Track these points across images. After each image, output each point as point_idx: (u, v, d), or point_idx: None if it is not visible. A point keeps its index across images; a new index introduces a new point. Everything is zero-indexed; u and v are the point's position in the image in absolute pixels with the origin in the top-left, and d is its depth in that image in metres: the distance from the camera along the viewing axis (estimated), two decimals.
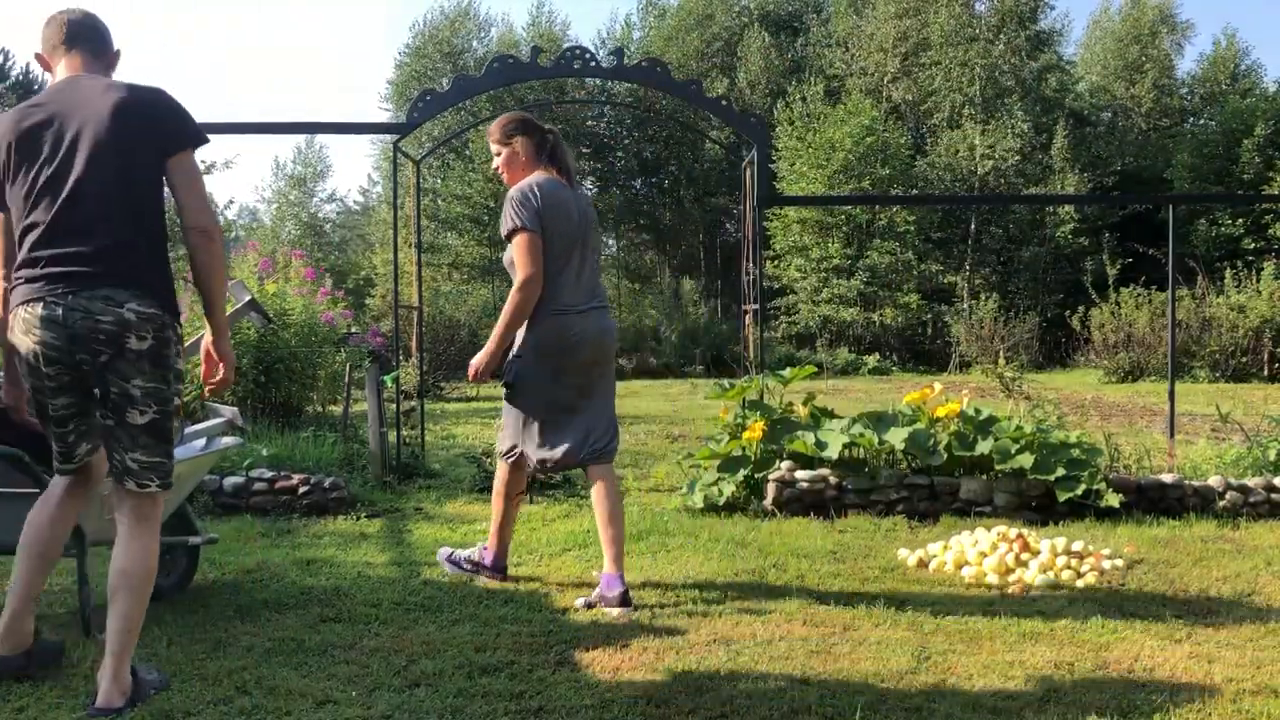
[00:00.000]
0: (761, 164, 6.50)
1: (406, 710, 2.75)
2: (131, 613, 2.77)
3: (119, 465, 2.82)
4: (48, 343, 2.75)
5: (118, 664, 2.74)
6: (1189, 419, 10.17)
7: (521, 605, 3.77)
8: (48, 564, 2.97)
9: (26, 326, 2.77)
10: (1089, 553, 4.39)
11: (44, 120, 2.82)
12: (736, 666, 3.09)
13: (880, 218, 25.89)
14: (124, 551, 2.81)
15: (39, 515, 2.95)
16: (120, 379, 2.75)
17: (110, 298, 2.74)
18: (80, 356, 2.75)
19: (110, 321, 2.73)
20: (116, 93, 2.83)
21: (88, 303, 2.72)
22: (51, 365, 2.78)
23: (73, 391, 2.83)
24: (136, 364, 2.76)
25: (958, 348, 22.69)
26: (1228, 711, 2.75)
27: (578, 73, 6.53)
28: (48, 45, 2.99)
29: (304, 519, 5.45)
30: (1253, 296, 18.31)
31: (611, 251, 35.48)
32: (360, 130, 6.96)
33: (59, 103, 2.84)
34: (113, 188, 2.78)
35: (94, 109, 2.80)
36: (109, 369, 2.75)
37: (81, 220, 2.77)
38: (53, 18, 3.00)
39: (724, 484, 5.63)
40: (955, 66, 27.96)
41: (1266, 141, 24.95)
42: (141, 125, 2.84)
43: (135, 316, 2.75)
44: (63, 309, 2.73)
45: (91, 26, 3.00)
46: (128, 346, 2.74)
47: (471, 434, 9.54)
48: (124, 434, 2.79)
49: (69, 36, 2.96)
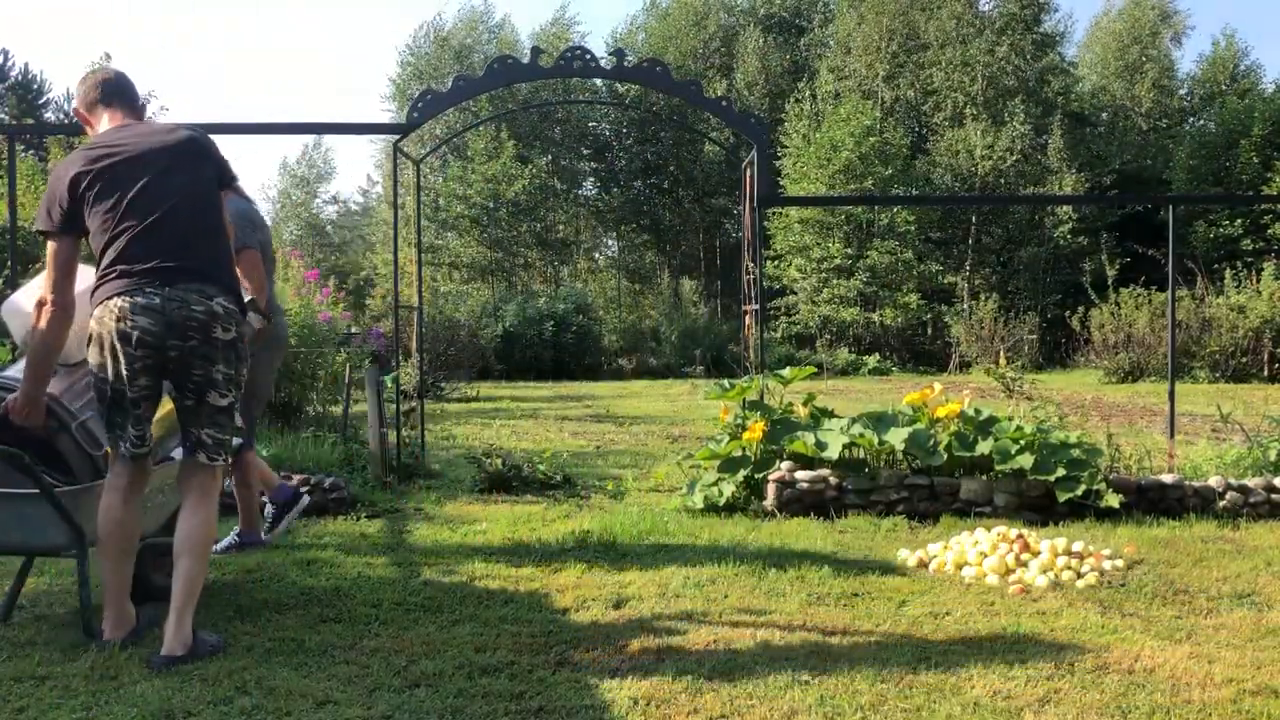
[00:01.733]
0: (761, 164, 6.50)
1: (406, 710, 2.75)
2: (194, 573, 3.20)
3: (194, 440, 3.27)
4: (144, 328, 3.14)
5: (180, 619, 3.13)
6: (1189, 419, 10.18)
7: (521, 605, 3.77)
8: (129, 554, 3.30)
9: (121, 314, 3.14)
10: (1089, 553, 4.39)
11: (121, 157, 3.26)
12: (736, 666, 3.09)
13: (881, 218, 25.90)
14: (189, 520, 3.25)
15: (112, 513, 3.25)
16: (207, 363, 3.21)
17: (203, 291, 3.21)
18: (171, 342, 3.17)
19: (202, 311, 3.19)
20: (183, 132, 3.40)
21: (184, 294, 3.18)
22: (143, 348, 3.15)
23: (152, 374, 3.20)
24: (222, 352, 3.23)
25: (958, 348, 22.70)
26: (1228, 711, 2.75)
27: (578, 73, 6.53)
28: (86, 102, 3.48)
29: (304, 519, 5.45)
30: (1252, 297, 18.32)
31: (612, 252, 35.52)
32: (361, 131, 6.97)
33: (127, 143, 3.30)
34: (199, 210, 3.31)
35: (165, 146, 3.32)
36: (196, 354, 3.20)
37: (176, 236, 3.23)
38: (88, 77, 3.49)
39: (724, 484, 5.63)
40: (957, 66, 27.97)
41: (1264, 142, 24.95)
42: (206, 159, 3.39)
43: (222, 310, 3.24)
44: (160, 298, 3.16)
45: (124, 84, 3.50)
46: (214, 335, 3.21)
47: (471, 434, 9.54)
48: (204, 413, 3.25)
49: (105, 95, 3.45)
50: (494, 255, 27.15)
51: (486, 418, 11.50)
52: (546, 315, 22.14)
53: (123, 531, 3.24)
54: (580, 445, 8.88)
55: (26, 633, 3.44)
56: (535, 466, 6.54)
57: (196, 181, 3.33)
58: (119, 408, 3.21)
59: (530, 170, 27.31)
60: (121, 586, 3.28)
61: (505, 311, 22.40)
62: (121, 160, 3.26)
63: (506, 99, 27.68)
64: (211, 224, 3.34)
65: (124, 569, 3.27)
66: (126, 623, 3.29)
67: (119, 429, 3.23)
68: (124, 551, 3.25)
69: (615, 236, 34.76)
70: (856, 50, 30.07)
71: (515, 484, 6.37)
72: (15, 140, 7.07)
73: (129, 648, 3.21)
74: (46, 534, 3.32)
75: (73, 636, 3.37)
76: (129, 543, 3.27)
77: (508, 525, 5.30)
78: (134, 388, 3.18)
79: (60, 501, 3.26)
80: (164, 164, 3.28)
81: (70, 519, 3.29)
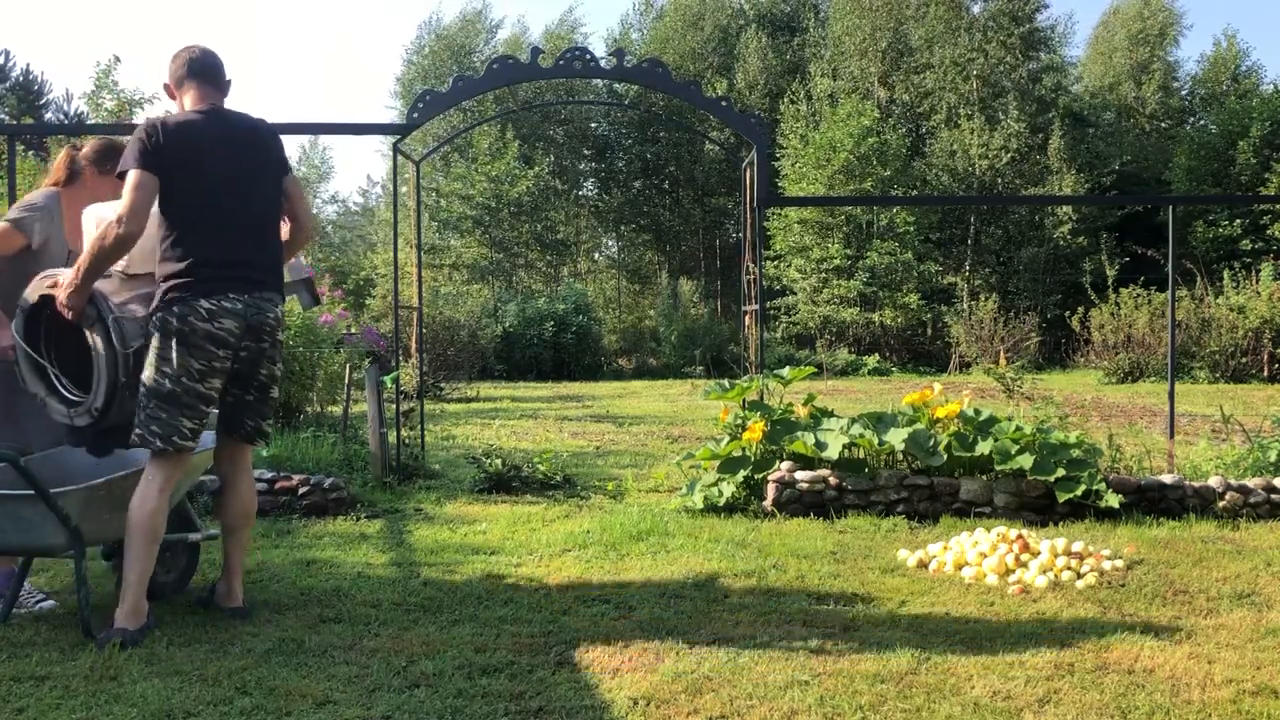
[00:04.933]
0: (761, 164, 6.50)
1: (406, 710, 2.75)
2: (247, 541, 3.75)
3: (252, 428, 3.63)
4: (229, 330, 3.42)
5: (232, 578, 3.64)
6: (1189, 419, 10.18)
7: (521, 605, 3.77)
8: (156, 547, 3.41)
9: (210, 315, 3.38)
10: (1089, 553, 4.39)
11: (207, 142, 3.46)
12: (736, 666, 3.09)
13: (880, 218, 25.90)
14: (243, 494, 3.66)
15: (147, 505, 3.38)
16: (271, 364, 3.60)
17: (271, 299, 3.57)
18: (246, 343, 3.49)
19: (272, 318, 3.56)
20: (257, 125, 3.64)
21: (260, 301, 3.51)
22: (225, 349, 3.43)
23: (223, 375, 3.47)
24: (279, 351, 3.65)
25: (958, 348, 22.70)
26: (1228, 712, 2.75)
27: (578, 73, 6.53)
28: (174, 77, 3.59)
29: (304, 520, 5.45)
30: (1252, 297, 18.32)
31: (612, 252, 35.52)
32: (361, 131, 6.96)
33: (217, 130, 3.50)
34: (272, 209, 3.62)
35: (247, 140, 3.57)
36: (265, 355, 3.56)
37: (256, 236, 3.53)
38: (178, 54, 3.60)
39: (724, 484, 5.63)
40: (949, 66, 27.98)
41: (1263, 143, 24.94)
42: (274, 154, 3.65)
43: (282, 315, 3.64)
44: (243, 304, 3.46)
45: (212, 62, 3.61)
46: (278, 338, 3.62)
47: (471, 434, 9.54)
48: (264, 406, 3.64)
49: (192, 71, 3.57)
50: (495, 256, 27.13)
51: (486, 418, 11.50)
52: (546, 315, 22.13)
53: (154, 524, 3.37)
54: (580, 445, 8.88)
55: (26, 633, 3.44)
56: (535, 467, 6.54)
57: (271, 180, 3.61)
58: (182, 403, 3.36)
59: (534, 172, 27.32)
60: (143, 579, 3.37)
61: (505, 312, 22.40)
62: (208, 145, 3.46)
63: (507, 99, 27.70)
64: (276, 222, 3.65)
65: (150, 562, 3.38)
66: (140, 616, 3.35)
67: (175, 423, 3.36)
68: (153, 544, 3.38)
69: (615, 236, 34.74)
70: (849, 52, 30.09)
71: (515, 484, 6.37)
72: (15, 140, 7.07)
73: (129, 648, 3.21)
74: (44, 535, 3.32)
75: (72, 636, 3.37)
76: (158, 536, 3.40)
77: (508, 525, 5.30)
78: (206, 384, 3.41)
79: (56, 502, 3.26)
80: (247, 160, 3.53)
81: (67, 520, 3.29)
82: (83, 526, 3.33)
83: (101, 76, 12.96)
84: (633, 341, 26.15)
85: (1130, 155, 29.08)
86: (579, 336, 22.50)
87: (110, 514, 3.45)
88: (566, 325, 22.26)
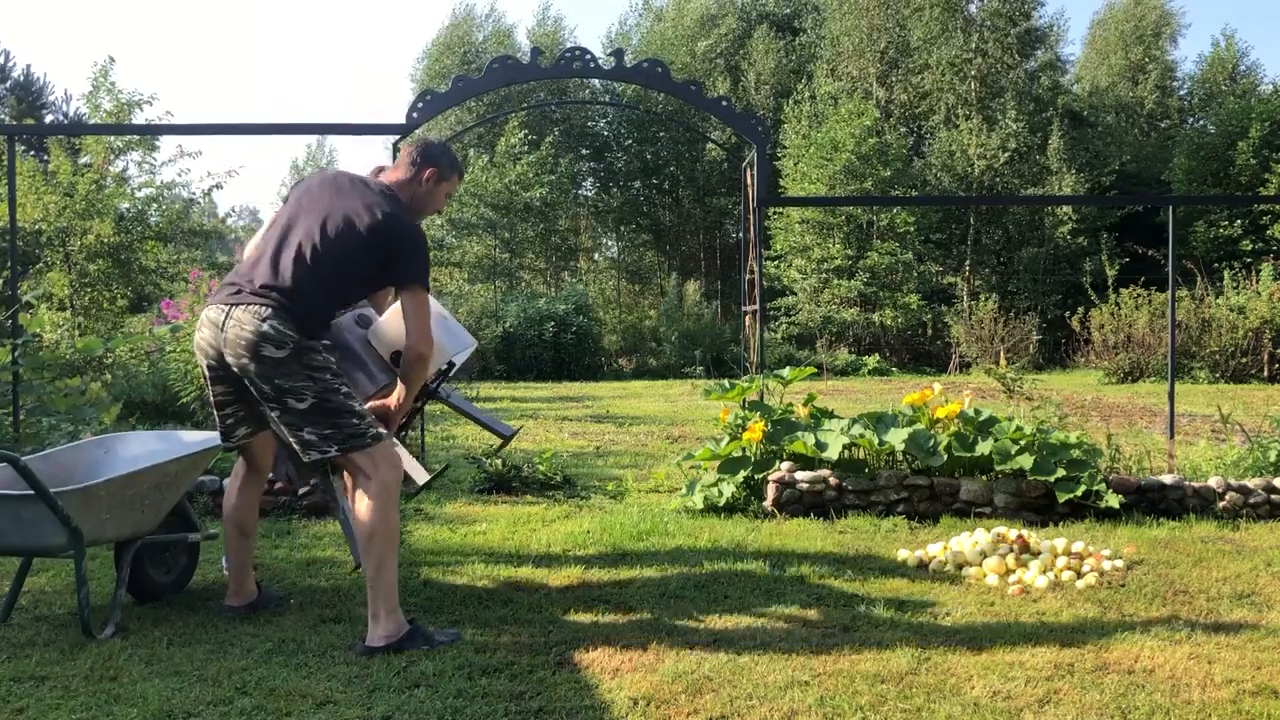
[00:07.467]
0: (762, 165, 6.50)
1: (406, 710, 2.75)
2: (377, 562, 3.44)
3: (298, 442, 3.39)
4: (205, 338, 3.44)
5: (373, 609, 3.42)
6: (1189, 420, 10.18)
7: (521, 605, 3.77)
8: (245, 533, 3.69)
9: (199, 325, 3.47)
10: (1089, 553, 4.39)
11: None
12: (736, 666, 3.09)
13: (881, 218, 25.90)
14: (354, 512, 3.50)
15: (228, 497, 3.69)
16: (265, 381, 3.37)
17: (256, 312, 3.34)
18: (227, 357, 3.39)
19: (250, 331, 3.31)
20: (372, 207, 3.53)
21: (238, 313, 3.35)
22: (205, 357, 3.47)
23: (223, 384, 3.52)
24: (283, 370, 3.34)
25: (958, 348, 22.70)
26: (1227, 712, 2.75)
27: (578, 73, 6.53)
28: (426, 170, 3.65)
29: (304, 519, 5.45)
30: (1252, 297, 18.32)
31: (612, 252, 35.51)
32: (361, 131, 6.97)
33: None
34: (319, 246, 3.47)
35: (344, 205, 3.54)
36: (253, 373, 3.38)
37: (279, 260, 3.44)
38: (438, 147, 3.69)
39: (724, 485, 5.63)
40: (946, 66, 27.98)
41: (1262, 143, 24.94)
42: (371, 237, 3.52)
43: (276, 331, 3.27)
44: (221, 315, 3.39)
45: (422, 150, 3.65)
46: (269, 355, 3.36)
47: (471, 435, 9.54)
48: (289, 418, 3.40)
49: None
50: (501, 256, 27.10)
51: None
52: (547, 316, 22.13)
53: (236, 514, 3.66)
54: (580, 446, 8.88)
55: (26, 633, 3.44)
56: (535, 467, 6.54)
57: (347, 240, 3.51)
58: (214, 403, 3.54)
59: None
60: (241, 562, 3.65)
61: (506, 312, 22.40)
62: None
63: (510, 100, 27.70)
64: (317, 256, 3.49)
65: (241, 546, 3.65)
66: (246, 595, 3.67)
67: (219, 420, 3.56)
68: (239, 532, 3.66)
69: (615, 237, 34.74)
70: (846, 53, 30.10)
71: (515, 484, 6.37)
72: (15, 140, 7.07)
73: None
74: (44, 535, 3.32)
75: (72, 636, 3.37)
76: (243, 524, 3.66)
77: (508, 526, 5.30)
78: (212, 390, 3.52)
79: (55, 502, 3.26)
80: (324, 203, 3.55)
81: (67, 520, 3.29)
82: (83, 526, 3.33)
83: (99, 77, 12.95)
84: (633, 342, 26.14)
85: (1129, 155, 29.09)
86: (579, 337, 22.49)
87: (110, 514, 3.45)
88: (567, 325, 22.26)
